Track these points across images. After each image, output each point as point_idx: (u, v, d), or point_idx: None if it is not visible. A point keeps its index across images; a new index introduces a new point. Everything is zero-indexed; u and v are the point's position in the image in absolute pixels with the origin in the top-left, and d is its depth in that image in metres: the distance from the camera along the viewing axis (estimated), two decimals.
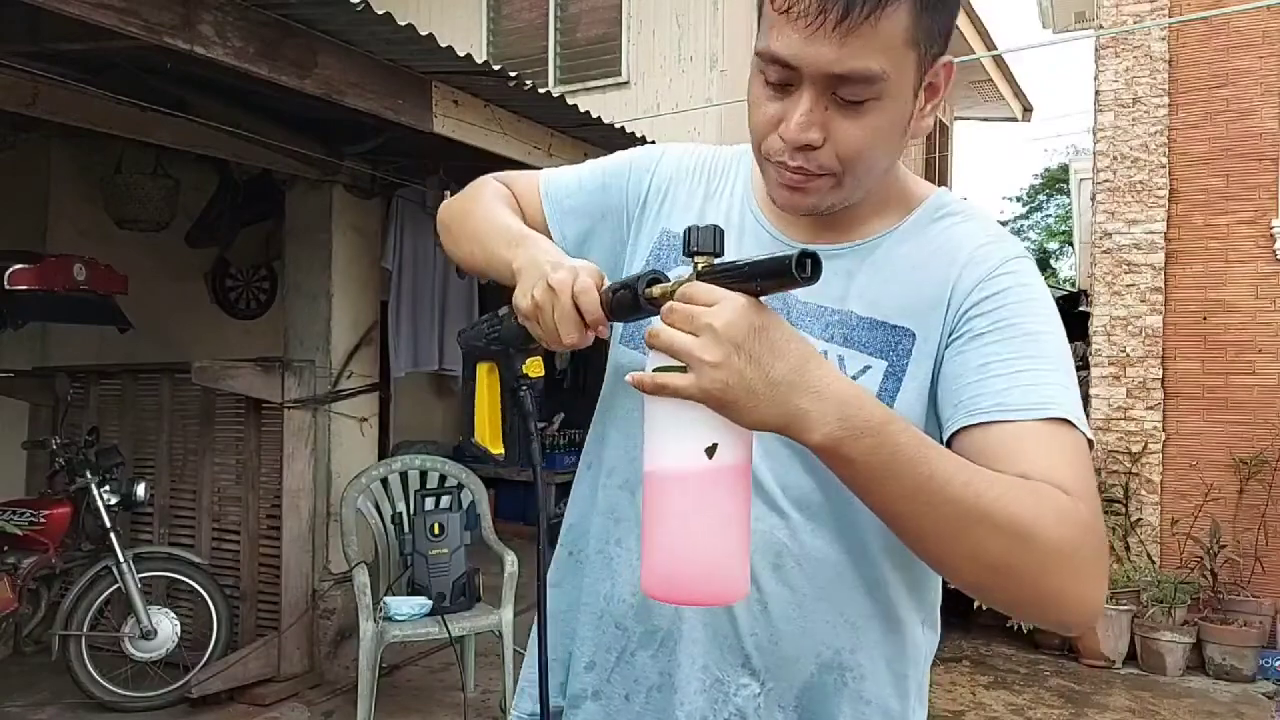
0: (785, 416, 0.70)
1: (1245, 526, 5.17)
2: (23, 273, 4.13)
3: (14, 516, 3.86)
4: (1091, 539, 0.76)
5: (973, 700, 4.40)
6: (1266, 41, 5.29)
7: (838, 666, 0.92)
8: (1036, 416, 0.79)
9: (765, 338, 0.70)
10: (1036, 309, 0.87)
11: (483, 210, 1.05)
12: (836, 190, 0.87)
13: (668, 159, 1.06)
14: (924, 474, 0.71)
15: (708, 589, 0.73)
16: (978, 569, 0.75)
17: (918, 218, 0.94)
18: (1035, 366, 0.83)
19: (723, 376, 0.68)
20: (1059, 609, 0.77)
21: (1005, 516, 0.72)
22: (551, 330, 0.83)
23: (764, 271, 0.70)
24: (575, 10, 7.24)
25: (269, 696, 3.88)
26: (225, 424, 4.34)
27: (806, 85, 0.81)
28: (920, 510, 0.72)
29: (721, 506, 0.72)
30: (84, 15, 2.29)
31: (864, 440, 0.70)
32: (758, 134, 0.87)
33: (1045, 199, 26.75)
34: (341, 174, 4.18)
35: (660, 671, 0.94)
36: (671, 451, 0.73)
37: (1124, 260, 5.56)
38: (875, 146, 0.85)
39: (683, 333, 0.70)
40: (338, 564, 4.12)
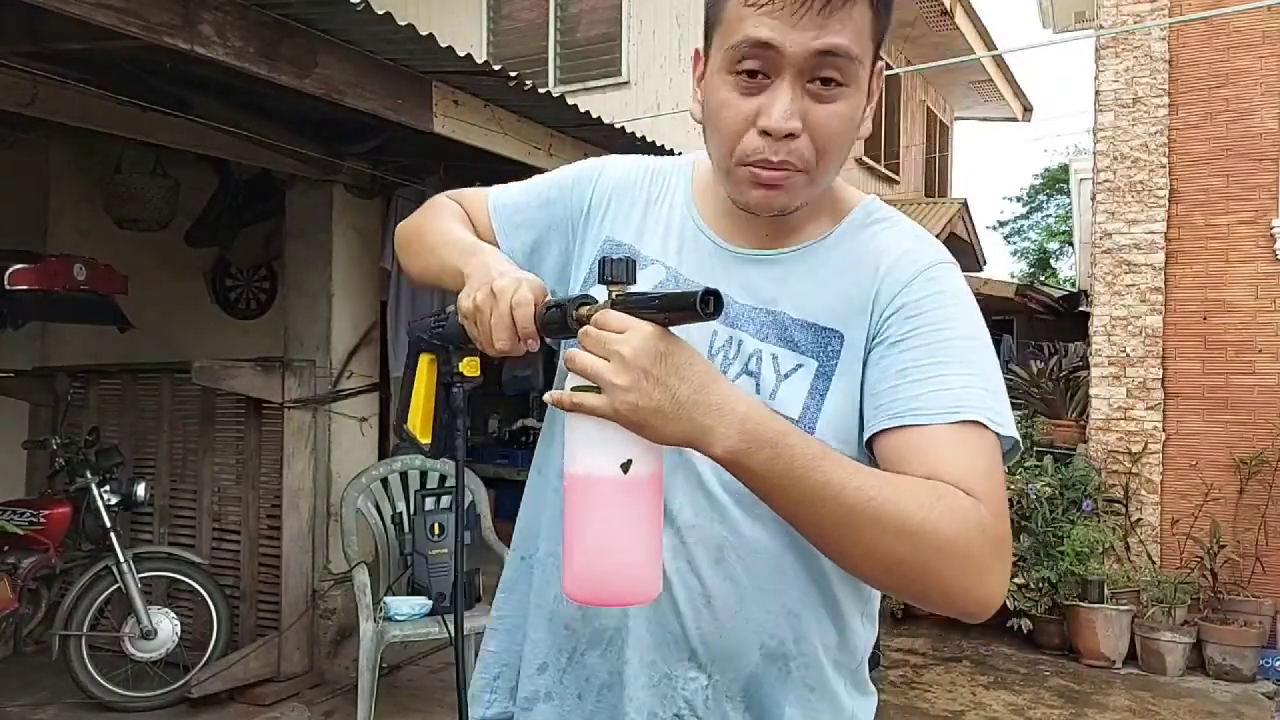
0: (690, 433, 0.76)
1: (1245, 526, 5.17)
2: (23, 273, 4.13)
3: (14, 516, 3.86)
4: (987, 536, 0.80)
5: (973, 700, 4.40)
6: (1266, 41, 5.30)
7: (782, 656, 0.95)
8: (947, 420, 0.84)
9: (670, 363, 0.75)
10: (955, 314, 0.90)
11: (438, 225, 1.10)
12: (808, 187, 0.91)
13: (609, 170, 1.09)
14: (818, 481, 0.77)
15: (622, 590, 0.79)
16: (873, 567, 0.80)
17: (848, 225, 0.98)
18: (949, 371, 0.86)
19: (632, 399, 0.74)
20: (956, 603, 0.82)
21: (895, 518, 0.77)
22: (486, 333, 0.88)
23: (672, 305, 0.76)
24: (575, 10, 7.24)
25: (269, 696, 3.88)
26: (225, 424, 4.34)
27: (786, 72, 0.85)
28: (817, 513, 0.78)
29: (634, 514, 0.78)
30: (84, 15, 2.29)
31: (763, 452, 0.76)
32: (731, 135, 0.89)
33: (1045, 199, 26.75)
34: (341, 174, 4.18)
35: (610, 670, 0.97)
36: (590, 463, 0.78)
37: (1124, 260, 5.56)
38: (843, 135, 0.89)
39: (596, 357, 0.76)
40: (338, 564, 4.11)
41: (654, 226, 1.04)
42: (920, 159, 11.40)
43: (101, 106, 3.27)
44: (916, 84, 11.09)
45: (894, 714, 4.19)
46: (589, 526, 0.78)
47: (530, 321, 0.86)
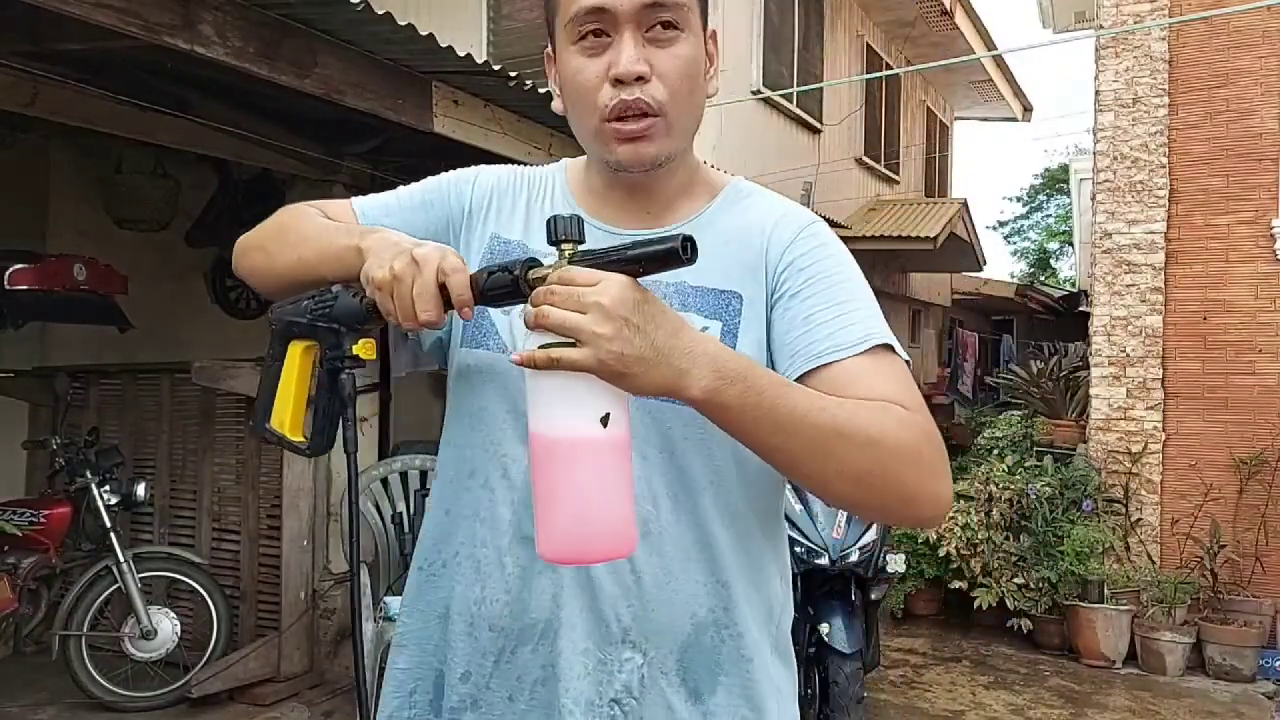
0: (669, 378, 0.78)
1: (1245, 526, 5.17)
2: (23, 273, 4.13)
3: (14, 516, 3.86)
4: (931, 440, 0.88)
5: (973, 700, 4.40)
6: (1266, 41, 5.30)
7: (713, 624, 0.97)
8: (862, 349, 0.92)
9: (646, 310, 0.77)
10: (838, 262, 1.00)
11: (308, 220, 1.06)
12: (670, 134, 0.97)
13: (485, 175, 1.12)
14: (787, 408, 0.82)
15: (608, 545, 0.80)
16: (845, 482, 0.86)
17: (723, 199, 1.06)
18: (851, 309, 0.95)
19: (617, 348, 0.75)
20: (916, 505, 0.88)
21: (858, 431, 0.84)
22: (407, 305, 0.85)
23: (649, 256, 0.78)
24: None
25: (269, 696, 3.87)
26: (225, 424, 4.34)
27: (624, 26, 0.93)
28: (790, 440, 0.83)
29: (617, 469, 0.79)
30: (84, 15, 2.29)
31: (735, 386, 0.79)
32: (587, 95, 0.95)
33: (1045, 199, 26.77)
34: (341, 174, 4.18)
35: (542, 665, 0.96)
36: (567, 422, 0.77)
37: (1124, 260, 5.56)
38: (690, 77, 0.96)
39: (571, 311, 0.75)
40: (338, 564, 4.12)
41: (539, 221, 1.06)
42: (920, 159, 11.40)
43: (101, 106, 3.27)
44: (916, 84, 11.09)
45: (894, 714, 4.19)
46: (570, 486, 0.77)
47: (467, 288, 0.84)
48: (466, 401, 1.04)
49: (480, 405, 1.02)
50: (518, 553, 0.97)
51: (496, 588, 0.98)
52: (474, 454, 1.02)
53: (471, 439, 1.02)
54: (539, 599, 0.96)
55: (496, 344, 1.01)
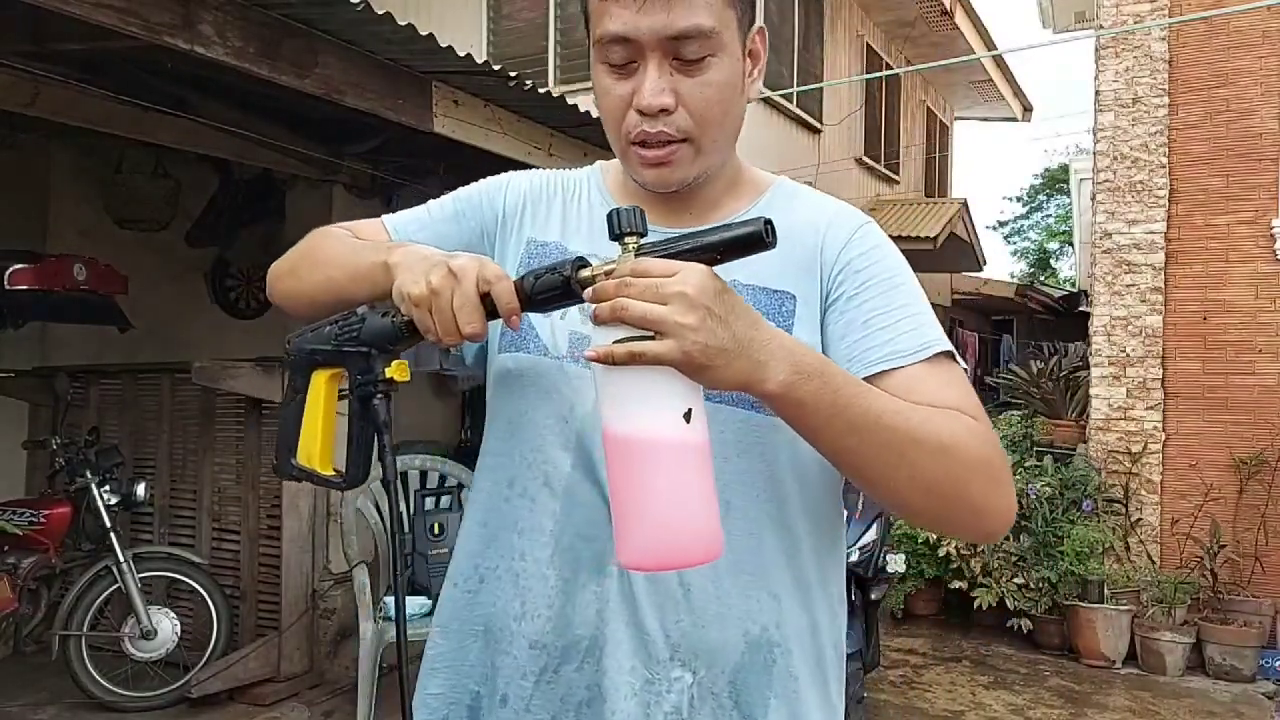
0: (748, 371, 0.75)
1: (1245, 526, 5.17)
2: (23, 273, 4.13)
3: (14, 516, 3.86)
4: (998, 450, 0.87)
5: (973, 700, 4.40)
6: (1266, 41, 5.30)
7: (766, 644, 0.92)
8: (923, 357, 0.90)
9: (726, 299, 0.74)
10: (894, 264, 0.97)
11: (335, 241, 1.02)
12: (697, 157, 0.93)
13: (516, 180, 1.09)
14: (862, 408, 0.79)
15: (697, 549, 0.75)
16: (915, 490, 0.83)
17: (771, 197, 1.03)
18: (909, 314, 0.93)
19: (701, 339, 0.72)
20: (984, 517, 0.86)
21: (931, 438, 0.81)
22: (448, 319, 0.81)
23: (730, 242, 0.76)
24: (575, 10, 7.23)
25: (269, 696, 3.87)
26: (225, 424, 4.34)
27: (649, 56, 0.88)
28: (863, 441, 0.80)
29: (701, 467, 0.75)
30: (84, 15, 2.29)
31: (812, 382, 0.77)
32: (614, 117, 0.93)
33: (1045, 199, 26.78)
34: (341, 174, 4.18)
35: (587, 685, 0.91)
36: (650, 419, 0.74)
37: (1124, 260, 5.56)
38: (720, 102, 0.92)
39: (651, 303, 0.72)
40: (338, 564, 4.11)
41: (575, 222, 1.03)
42: (920, 159, 11.40)
43: (102, 106, 3.27)
44: (916, 84, 11.09)
45: (894, 714, 4.19)
46: (654, 488, 0.73)
47: (513, 295, 0.81)
48: (506, 408, 1.00)
49: (520, 411, 0.98)
50: (560, 565, 0.93)
51: (538, 602, 0.93)
52: (513, 462, 0.98)
53: (510, 447, 0.98)
54: (583, 614, 0.91)
55: (537, 347, 0.97)
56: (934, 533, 0.96)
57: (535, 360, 0.97)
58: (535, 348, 0.97)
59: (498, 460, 1.00)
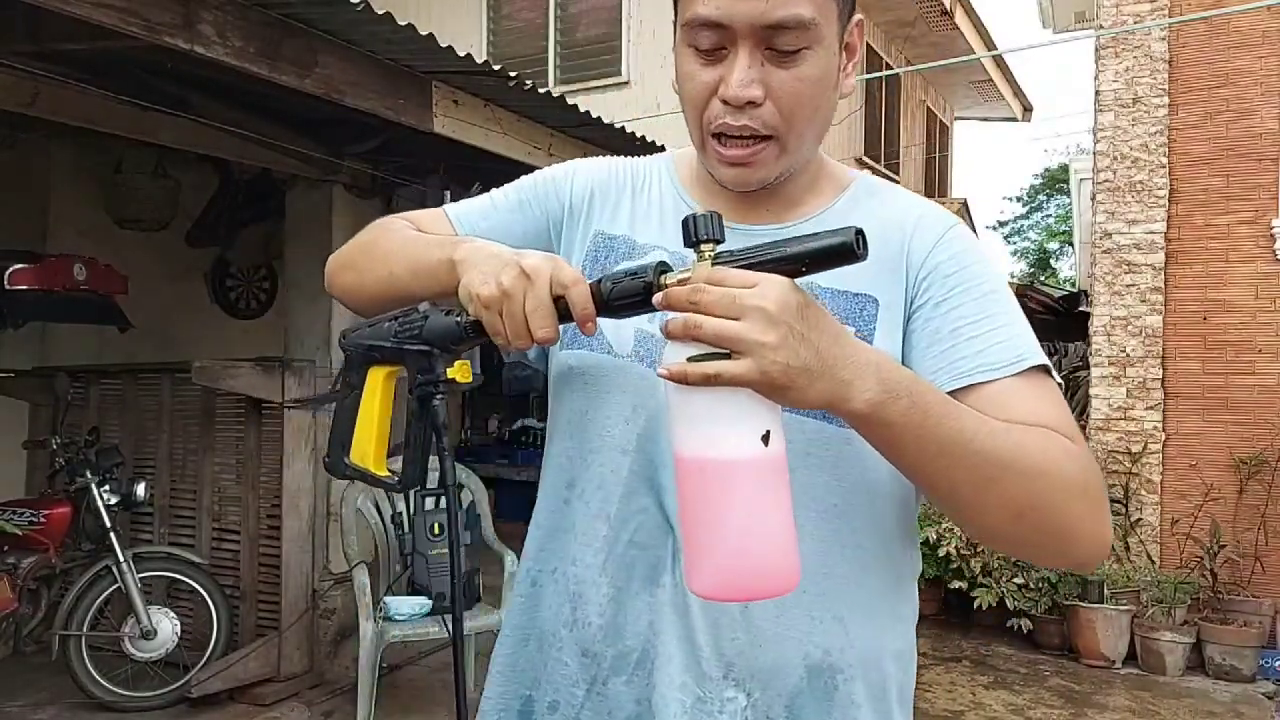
0: (832, 390, 0.70)
1: (1245, 526, 5.17)
2: (23, 273, 4.13)
3: (14, 516, 3.86)
4: (1095, 474, 0.81)
5: (973, 700, 4.40)
6: (1266, 41, 5.30)
7: (828, 669, 0.87)
8: (1016, 371, 0.84)
9: (809, 315, 0.69)
10: (986, 269, 0.91)
11: (397, 234, 0.99)
12: (782, 156, 0.88)
13: (583, 169, 1.04)
14: (953, 429, 0.74)
15: (771, 581, 0.71)
16: (1004, 515, 0.77)
17: (854, 193, 0.97)
18: (1001, 324, 0.86)
19: (782, 359, 0.67)
20: (1076, 545, 0.80)
21: (1026, 460, 0.76)
22: (519, 323, 0.77)
23: (815, 253, 0.70)
24: (575, 10, 7.24)
25: (269, 696, 3.87)
26: (225, 424, 4.34)
27: (740, 43, 0.83)
28: (952, 464, 0.75)
29: (779, 492, 0.70)
30: (84, 15, 2.29)
31: (900, 402, 0.72)
32: (696, 105, 0.87)
33: (1045, 199, 26.76)
34: (341, 174, 4.18)
35: (636, 699, 0.88)
36: (728, 442, 0.69)
37: (1124, 260, 5.56)
38: (813, 99, 0.86)
39: (727, 319, 0.67)
40: (338, 564, 4.11)
41: (645, 214, 0.98)
42: (920, 159, 11.39)
43: (102, 106, 3.27)
44: (916, 84, 11.09)
45: None
46: (728, 514, 0.69)
47: (590, 302, 0.76)
48: (567, 407, 0.96)
49: (580, 410, 0.94)
50: (613, 573, 0.90)
51: (589, 609, 0.90)
52: (572, 463, 0.94)
53: (570, 447, 0.95)
54: (634, 625, 0.88)
55: (601, 345, 0.93)
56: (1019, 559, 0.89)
57: (598, 359, 0.93)
58: (599, 345, 0.93)
59: (557, 461, 0.97)
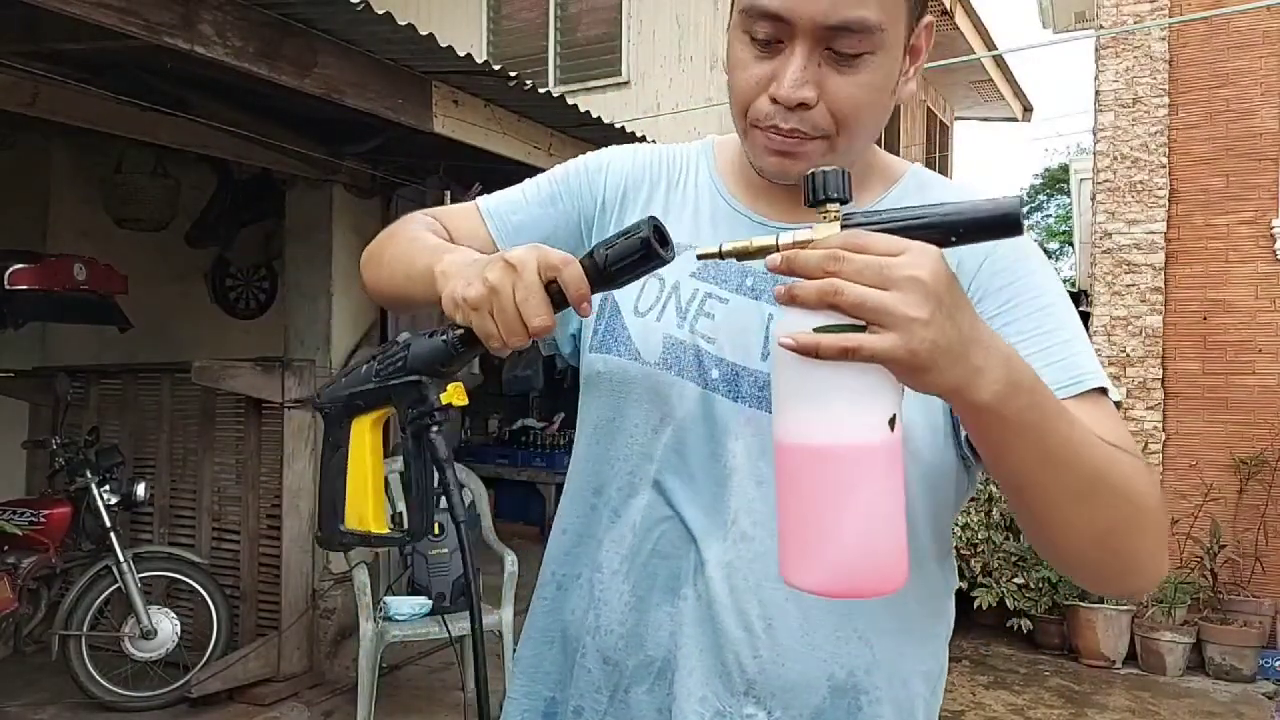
0: (963, 377, 0.63)
1: (1245, 526, 5.17)
2: (23, 273, 4.13)
3: (14, 516, 3.86)
4: (1163, 502, 0.77)
5: (973, 700, 4.40)
6: (1266, 41, 5.29)
7: (852, 689, 0.85)
8: (1074, 393, 0.78)
9: (955, 290, 0.63)
10: (1044, 279, 0.85)
11: (406, 235, 0.97)
12: (829, 155, 0.83)
13: (618, 159, 1.00)
14: (1065, 434, 0.69)
15: (889, 576, 0.66)
16: (1089, 534, 0.73)
17: (903, 187, 0.92)
18: (1060, 340, 0.80)
19: (932, 335, 0.60)
20: (1138, 575, 0.77)
21: (1119, 480, 0.72)
22: (512, 316, 0.72)
23: (976, 222, 0.64)
24: (575, 10, 7.24)
25: (269, 696, 3.87)
26: (225, 424, 4.34)
27: (799, 40, 0.78)
28: (1055, 474, 0.69)
29: (898, 481, 0.65)
30: (84, 15, 2.29)
31: (1022, 398, 0.66)
32: (744, 98, 0.83)
33: (1045, 199, 26.75)
34: (341, 174, 4.18)
35: (658, 708, 0.87)
36: (852, 425, 0.63)
37: (1124, 260, 5.56)
38: (870, 105, 0.81)
39: (873, 287, 0.60)
40: (338, 564, 4.11)
41: (679, 209, 0.94)
42: (920, 159, 11.39)
43: (101, 106, 3.27)
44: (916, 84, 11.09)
45: None
46: (851, 504, 0.63)
47: (582, 277, 0.72)
48: (593, 411, 0.95)
49: (607, 416, 0.92)
50: (635, 581, 0.88)
51: (612, 617, 0.89)
52: (599, 469, 0.93)
53: (596, 453, 0.93)
54: (656, 634, 0.87)
55: (628, 350, 0.91)
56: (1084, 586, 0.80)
57: (624, 365, 0.90)
58: (625, 351, 0.90)
59: (584, 466, 0.95)
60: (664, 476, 0.88)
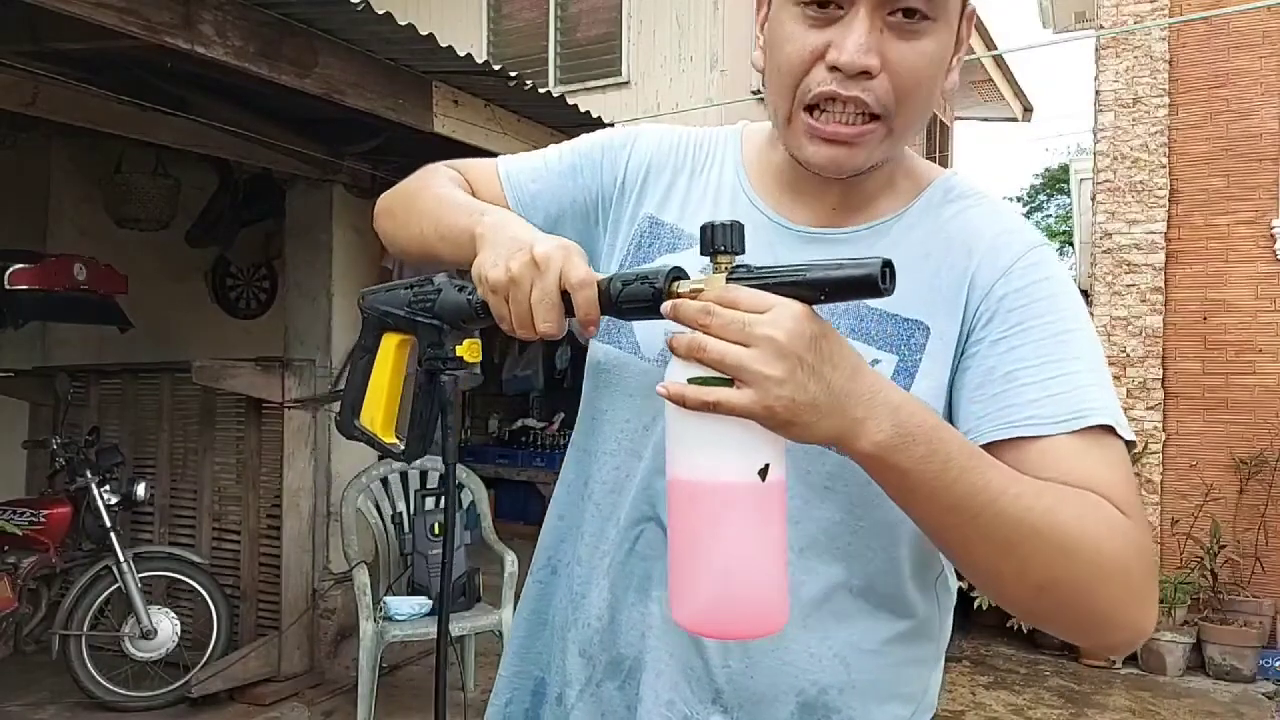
0: (841, 428, 0.64)
1: (1245, 526, 5.17)
2: (23, 273, 4.13)
3: (14, 516, 3.86)
4: (1144, 555, 0.71)
5: (973, 700, 4.40)
6: (1266, 41, 5.30)
7: (823, 708, 0.82)
8: (1073, 428, 0.74)
9: (823, 347, 0.63)
10: (1061, 304, 0.80)
11: (437, 189, 0.95)
12: (886, 141, 0.79)
13: (645, 138, 0.96)
14: (974, 485, 0.67)
15: (754, 619, 0.67)
16: (1023, 588, 0.70)
17: (928, 199, 0.87)
18: (1069, 370, 0.76)
19: (788, 394, 0.61)
20: (1108, 630, 0.73)
21: (1055, 531, 0.68)
22: (524, 313, 0.73)
23: (837, 282, 0.64)
24: (575, 10, 7.24)
25: (269, 696, 3.88)
26: (225, 424, 4.34)
27: (861, 3, 0.74)
28: (967, 524, 0.68)
29: (772, 529, 0.66)
30: (84, 15, 2.29)
31: (917, 449, 0.65)
32: (795, 70, 0.78)
33: (1045, 199, 26.75)
34: (341, 174, 4.18)
35: (627, 705, 0.86)
36: (719, 471, 0.65)
37: (1124, 260, 5.56)
38: (930, 80, 0.78)
39: (732, 344, 0.62)
40: (338, 564, 4.11)
41: (699, 202, 0.91)
42: None
43: (101, 106, 3.27)
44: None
45: None
46: (719, 546, 0.65)
47: (595, 306, 0.72)
48: (591, 402, 0.94)
49: (603, 409, 0.91)
50: (613, 578, 0.88)
51: (590, 611, 0.89)
52: (590, 460, 0.92)
53: (591, 444, 0.93)
54: (628, 634, 0.87)
55: (629, 344, 0.89)
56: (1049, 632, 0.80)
57: (625, 359, 0.89)
58: (627, 344, 0.89)
59: (579, 454, 0.95)
60: (651, 477, 0.87)
